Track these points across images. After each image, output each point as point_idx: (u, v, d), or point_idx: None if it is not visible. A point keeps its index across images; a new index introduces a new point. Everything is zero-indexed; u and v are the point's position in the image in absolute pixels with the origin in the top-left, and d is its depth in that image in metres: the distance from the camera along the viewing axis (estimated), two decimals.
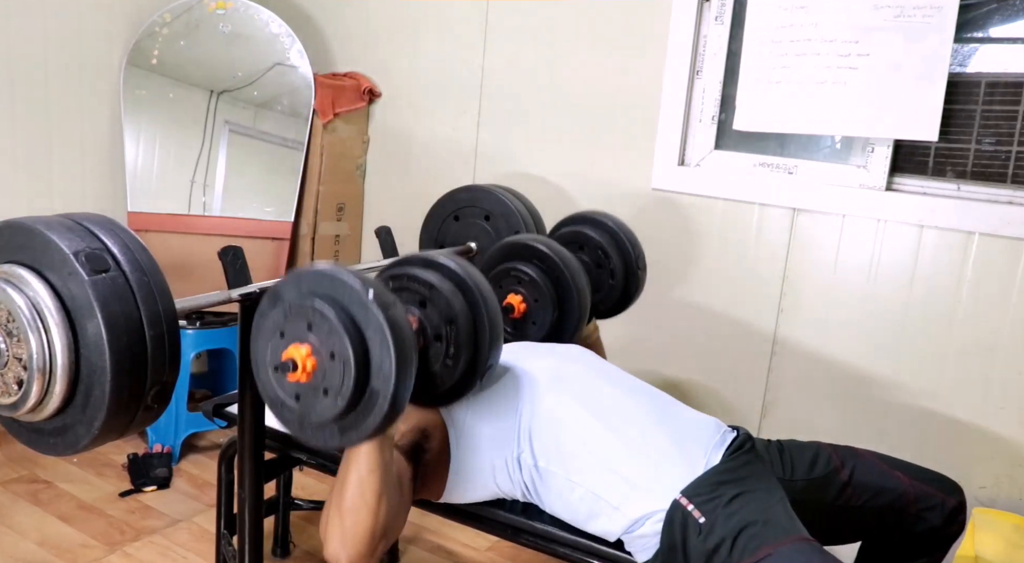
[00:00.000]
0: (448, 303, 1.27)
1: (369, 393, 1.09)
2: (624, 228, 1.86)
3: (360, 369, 1.07)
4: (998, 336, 1.93)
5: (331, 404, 1.09)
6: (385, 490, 1.23)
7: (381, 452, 1.22)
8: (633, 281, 1.87)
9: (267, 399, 1.17)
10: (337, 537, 1.23)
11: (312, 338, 1.10)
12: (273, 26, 2.74)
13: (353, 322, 1.08)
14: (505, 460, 1.41)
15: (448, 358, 1.29)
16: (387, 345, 1.06)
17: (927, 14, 1.88)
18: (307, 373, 1.10)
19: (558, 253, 1.62)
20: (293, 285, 1.14)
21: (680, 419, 1.46)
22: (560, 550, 1.45)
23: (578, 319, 1.63)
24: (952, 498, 1.47)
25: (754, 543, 1.23)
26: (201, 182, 2.74)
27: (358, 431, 1.12)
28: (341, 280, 1.10)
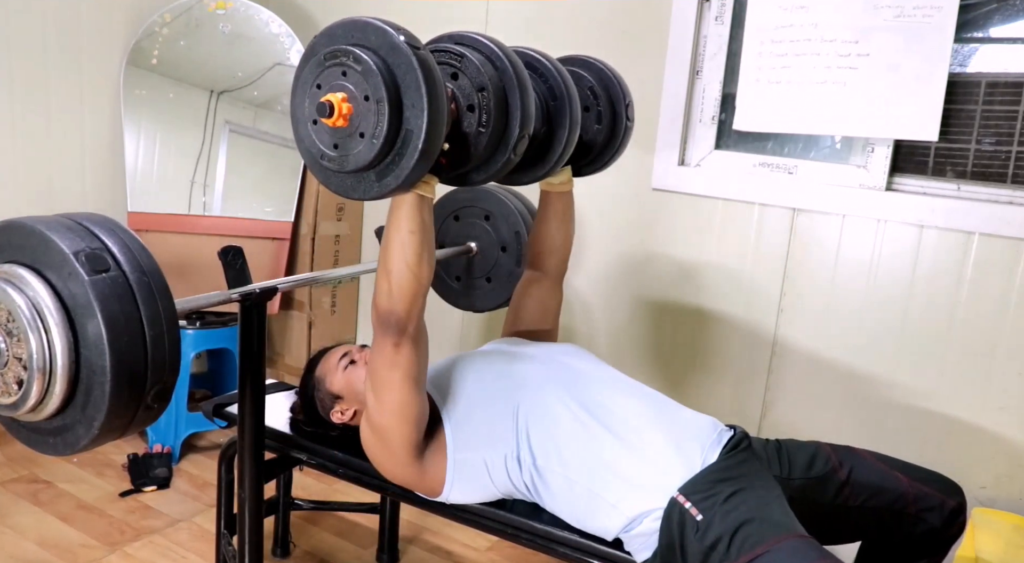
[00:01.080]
0: (479, 72, 1.29)
1: (404, 133, 1.14)
2: (617, 75, 1.73)
3: (393, 108, 1.12)
4: (998, 336, 1.93)
5: (368, 146, 1.14)
6: (424, 250, 1.31)
7: (420, 212, 1.29)
8: (619, 128, 1.72)
9: (307, 156, 1.22)
10: (385, 292, 1.33)
11: (347, 84, 1.14)
12: (273, 26, 2.74)
13: (385, 64, 1.12)
14: (504, 458, 1.41)
15: (481, 125, 1.30)
16: (418, 83, 1.11)
17: (927, 14, 1.88)
18: (344, 117, 1.14)
19: (555, 66, 1.52)
20: (326, 37, 1.18)
21: (677, 418, 1.47)
22: (560, 550, 1.45)
23: (567, 138, 1.51)
24: (952, 499, 1.46)
25: (751, 540, 1.23)
26: (201, 182, 2.74)
27: (395, 175, 1.17)
28: (373, 25, 1.14)
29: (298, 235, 2.81)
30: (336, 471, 1.65)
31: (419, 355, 1.38)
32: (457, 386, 1.49)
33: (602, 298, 2.48)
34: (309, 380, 1.66)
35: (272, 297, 1.53)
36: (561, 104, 1.49)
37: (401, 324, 1.33)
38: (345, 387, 1.58)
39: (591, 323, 2.51)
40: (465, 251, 2.00)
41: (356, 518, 2.31)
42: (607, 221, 2.43)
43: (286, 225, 2.76)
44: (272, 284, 1.53)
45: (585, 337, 2.52)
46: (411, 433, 1.40)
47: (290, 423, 1.74)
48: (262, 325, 1.50)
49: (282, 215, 2.77)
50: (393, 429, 1.39)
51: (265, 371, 1.55)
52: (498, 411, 1.43)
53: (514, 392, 1.45)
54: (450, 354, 1.63)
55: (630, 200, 2.39)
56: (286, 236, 2.77)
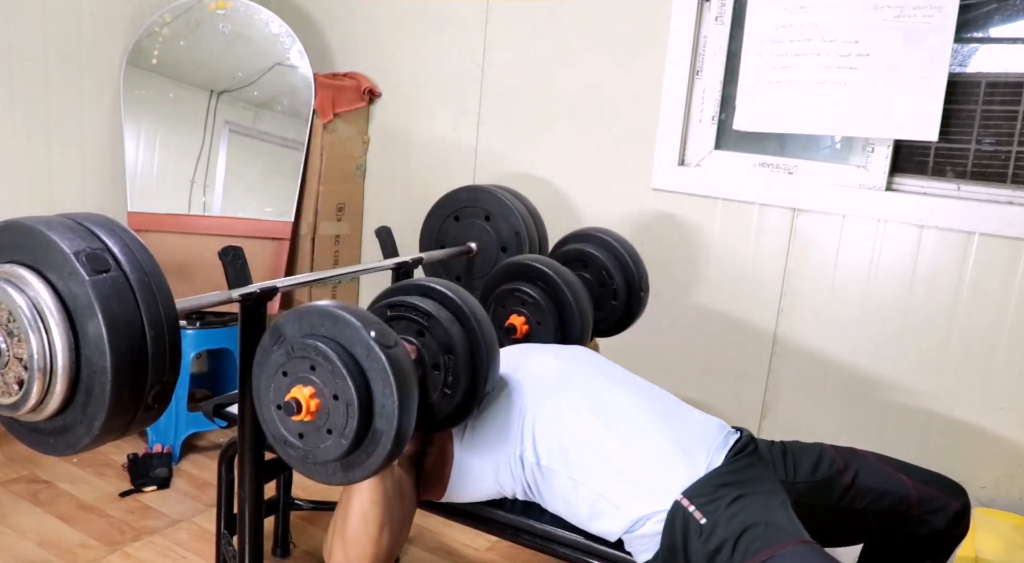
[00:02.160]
0: (446, 332, 1.28)
1: (372, 433, 1.11)
2: (628, 247, 1.87)
3: (363, 410, 1.09)
4: (998, 336, 1.93)
5: (335, 444, 1.11)
6: (388, 520, 1.25)
7: (383, 483, 1.25)
8: (635, 301, 1.88)
9: (270, 436, 1.19)
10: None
11: (315, 379, 1.11)
12: (273, 26, 2.74)
13: (355, 362, 1.09)
14: (508, 458, 1.41)
15: (447, 387, 1.30)
16: (390, 385, 1.08)
17: (927, 14, 1.88)
18: (311, 414, 1.12)
19: (561, 275, 1.63)
20: (295, 323, 1.15)
21: (683, 420, 1.46)
22: (560, 550, 1.45)
23: (579, 341, 1.65)
24: (956, 501, 1.46)
25: (756, 545, 1.23)
26: (201, 182, 2.74)
27: (362, 469, 1.14)
28: (343, 320, 1.11)
29: (298, 235, 2.81)
30: None
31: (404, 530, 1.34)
32: None
33: None
34: None
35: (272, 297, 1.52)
36: (570, 312, 1.62)
37: None
38: None
39: None
40: (465, 251, 2.00)
41: None
42: (607, 221, 2.42)
43: (286, 225, 2.76)
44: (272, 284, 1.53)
45: None
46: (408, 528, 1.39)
47: None
48: (262, 325, 1.50)
49: (282, 215, 2.77)
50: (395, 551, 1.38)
51: None
52: (505, 411, 1.43)
53: (521, 393, 1.44)
54: None
55: (630, 200, 2.39)
56: (286, 236, 2.77)
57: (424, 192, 2.44)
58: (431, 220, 2.04)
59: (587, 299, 1.67)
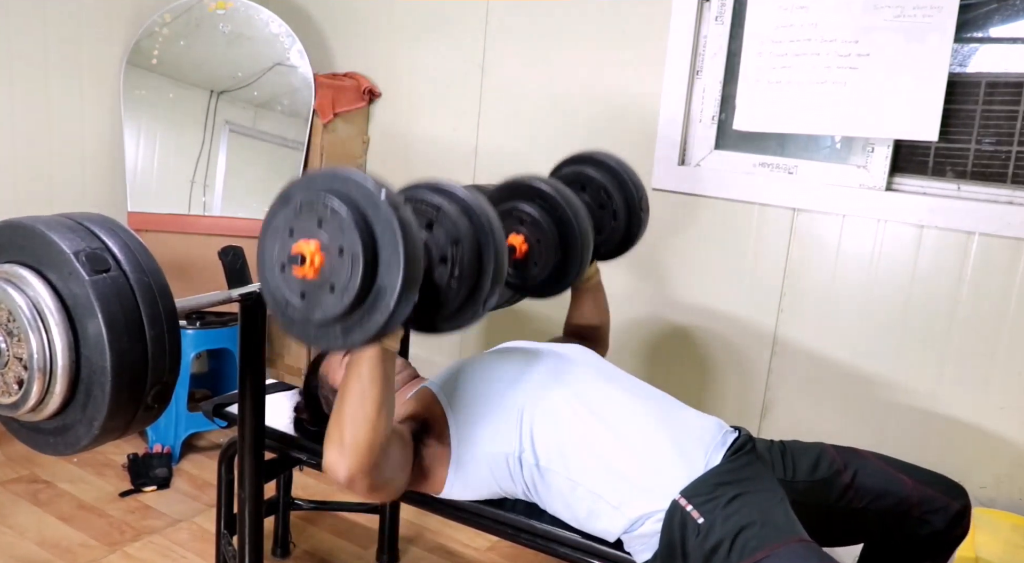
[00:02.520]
0: (454, 224, 1.27)
1: (376, 290, 1.10)
2: (627, 168, 1.78)
3: (368, 265, 1.08)
4: (998, 336, 1.93)
5: (337, 300, 1.10)
6: (385, 403, 1.23)
7: (383, 363, 1.23)
8: (636, 222, 1.79)
9: (271, 301, 1.18)
10: (336, 447, 1.23)
11: (322, 234, 1.11)
12: (273, 26, 2.74)
13: (364, 219, 1.09)
14: (506, 458, 1.41)
15: (453, 279, 1.28)
16: (396, 242, 1.08)
17: (927, 14, 1.88)
18: (315, 268, 1.11)
19: (561, 193, 1.56)
20: (305, 185, 1.16)
21: (681, 419, 1.46)
22: (560, 550, 1.45)
23: (580, 261, 1.57)
24: (956, 502, 1.46)
25: (753, 544, 1.23)
26: (201, 182, 2.74)
27: (362, 330, 1.12)
28: (354, 179, 1.11)
29: None
30: None
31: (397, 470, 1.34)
32: (464, 386, 1.49)
33: None
34: (313, 379, 1.66)
35: None
36: (570, 231, 1.55)
37: (351, 481, 1.24)
38: None
39: None
40: None
41: (356, 518, 2.31)
42: None
43: None
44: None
45: None
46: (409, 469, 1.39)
47: (294, 422, 1.74)
48: (262, 325, 1.50)
49: None
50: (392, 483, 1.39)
51: (265, 371, 1.55)
52: (503, 410, 1.43)
53: (519, 392, 1.45)
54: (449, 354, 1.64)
55: None
56: None
57: None
58: None
59: (587, 217, 1.59)
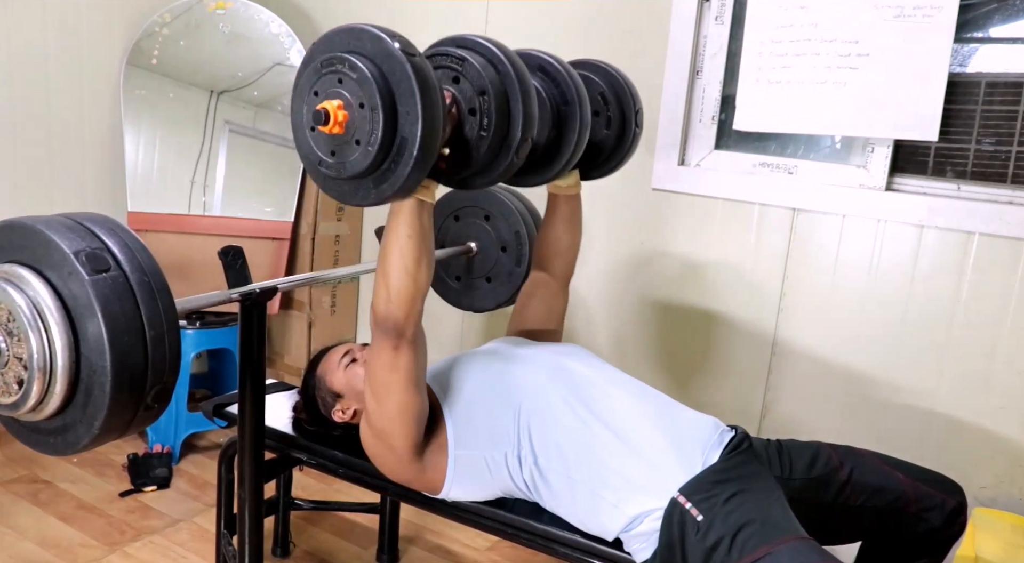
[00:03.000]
0: (480, 75, 1.28)
1: (399, 141, 1.14)
2: (628, 80, 1.72)
3: (388, 115, 1.13)
4: (998, 336, 1.93)
5: (364, 153, 1.15)
6: (423, 255, 1.31)
7: (419, 217, 1.29)
8: (628, 135, 1.71)
9: (306, 162, 1.23)
10: (383, 297, 1.33)
11: (343, 91, 1.15)
12: (273, 26, 2.74)
13: (380, 71, 1.13)
14: (504, 457, 1.42)
15: (483, 129, 1.29)
16: (412, 90, 1.11)
17: (927, 14, 1.88)
18: (339, 124, 1.15)
19: (567, 71, 1.51)
20: (323, 44, 1.20)
21: (678, 418, 1.47)
22: (560, 550, 1.45)
23: (576, 142, 1.51)
24: (952, 499, 1.46)
25: (753, 542, 1.23)
26: (201, 182, 2.74)
27: (391, 182, 1.18)
28: (369, 33, 1.15)
29: (298, 235, 2.81)
30: (336, 471, 1.65)
31: (418, 357, 1.38)
32: (460, 384, 1.49)
33: (603, 298, 2.48)
34: (311, 379, 1.66)
35: (272, 297, 1.52)
36: (572, 109, 1.49)
37: (400, 328, 1.33)
38: (346, 386, 1.58)
39: (592, 323, 2.51)
40: (465, 251, 2.00)
41: (356, 518, 2.31)
42: (607, 221, 2.43)
43: (286, 225, 2.76)
44: (272, 284, 1.53)
45: (586, 337, 2.52)
46: (411, 433, 1.40)
47: (292, 422, 1.74)
48: (262, 325, 1.50)
49: (282, 215, 2.77)
50: (394, 431, 1.39)
51: (265, 371, 1.55)
52: (500, 410, 1.43)
53: (517, 391, 1.45)
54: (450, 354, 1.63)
55: (630, 200, 2.39)
56: (286, 236, 2.77)
57: None
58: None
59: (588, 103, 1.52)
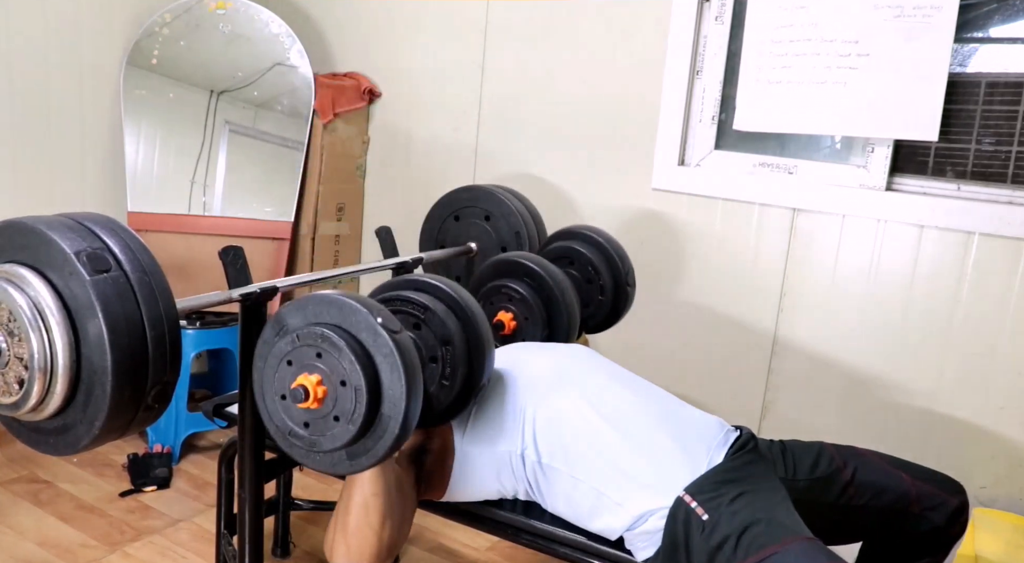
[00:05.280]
0: (443, 324, 1.29)
1: (380, 418, 1.11)
2: (614, 244, 1.90)
3: (372, 394, 1.09)
4: (998, 336, 1.93)
5: (343, 430, 1.11)
6: (389, 512, 1.26)
7: (385, 474, 1.25)
8: (622, 297, 1.91)
9: (272, 428, 1.18)
10: (343, 556, 1.26)
11: (321, 366, 1.11)
12: (273, 26, 2.74)
13: (363, 348, 1.10)
14: (509, 456, 1.41)
15: (444, 379, 1.31)
16: (397, 369, 1.09)
17: (927, 14, 1.88)
18: (318, 401, 1.11)
19: (548, 271, 1.65)
20: (298, 313, 1.16)
21: (684, 418, 1.47)
22: (560, 550, 1.45)
23: (566, 337, 1.66)
24: (955, 498, 1.46)
25: (758, 542, 1.23)
26: (201, 182, 2.74)
27: (368, 456, 1.14)
28: (348, 306, 1.11)
29: (298, 235, 2.81)
30: None
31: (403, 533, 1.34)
32: None
33: None
34: None
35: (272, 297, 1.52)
36: (557, 308, 1.64)
37: None
38: None
39: None
40: (465, 251, 2.00)
41: None
42: (607, 221, 2.43)
43: (286, 225, 2.76)
44: (272, 284, 1.53)
45: None
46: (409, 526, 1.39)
47: None
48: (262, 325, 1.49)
49: (282, 215, 2.77)
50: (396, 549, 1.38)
51: None
52: (506, 409, 1.43)
53: (522, 391, 1.45)
54: None
55: (630, 200, 2.39)
56: (286, 236, 2.77)
57: (424, 192, 2.44)
58: (431, 220, 2.04)
59: (574, 295, 1.69)
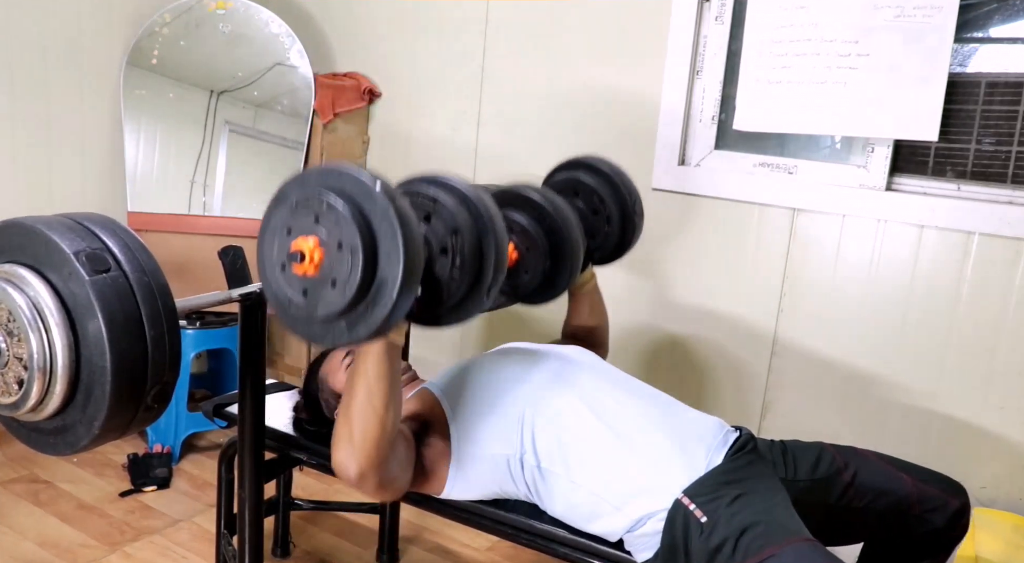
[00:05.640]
0: (452, 215, 1.26)
1: (377, 283, 1.10)
2: (620, 174, 1.78)
3: (368, 257, 1.08)
4: (998, 336, 1.93)
5: (339, 295, 1.10)
6: (392, 399, 1.24)
7: (389, 359, 1.24)
8: (630, 227, 1.79)
9: (273, 300, 1.17)
10: (346, 445, 1.24)
11: (320, 230, 1.11)
12: (273, 26, 2.74)
13: (361, 212, 1.09)
14: (507, 460, 1.41)
15: (455, 269, 1.27)
16: (395, 233, 1.07)
17: (927, 14, 1.88)
18: (315, 264, 1.10)
19: (551, 202, 1.56)
20: (299, 183, 1.15)
21: (682, 419, 1.47)
22: (560, 550, 1.45)
23: (571, 269, 1.57)
24: (956, 500, 1.46)
25: (757, 543, 1.23)
26: (201, 182, 2.74)
27: (366, 324, 1.12)
28: (349, 173, 1.11)
29: None
30: None
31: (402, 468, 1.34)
32: (466, 387, 1.49)
33: None
34: (313, 380, 1.66)
35: None
36: (561, 237, 1.53)
37: (363, 477, 1.26)
38: None
39: None
40: None
41: (356, 518, 2.31)
42: None
43: None
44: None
45: None
46: (408, 475, 1.39)
47: (292, 422, 1.74)
48: (262, 325, 1.50)
49: None
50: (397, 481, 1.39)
51: (265, 371, 1.55)
52: (503, 412, 1.43)
53: (520, 394, 1.45)
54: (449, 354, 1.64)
55: None
56: None
57: None
58: None
59: (578, 226, 1.59)
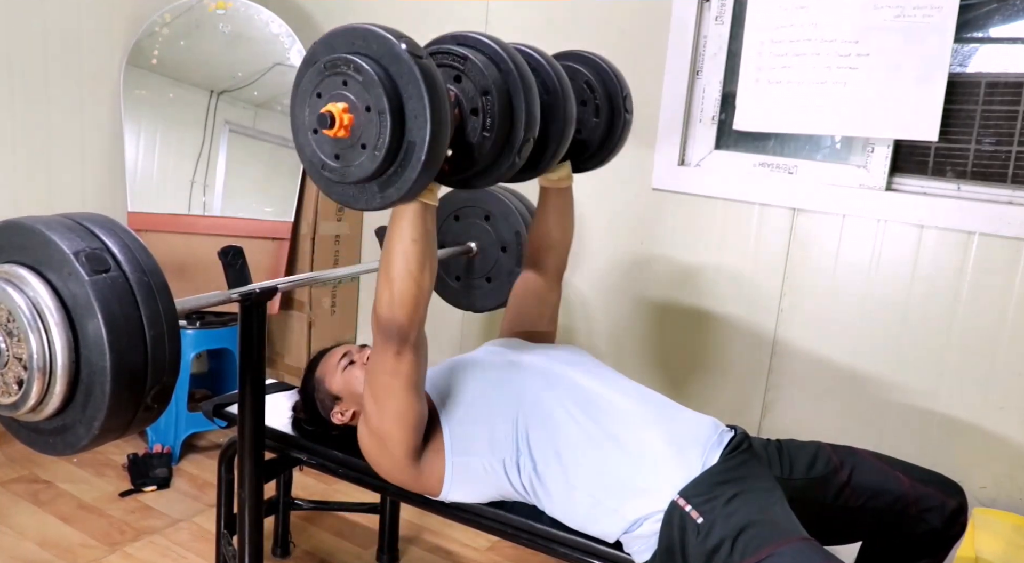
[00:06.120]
0: (482, 74, 1.26)
1: (406, 145, 1.12)
2: (614, 68, 1.71)
3: (396, 119, 1.10)
4: (998, 336, 1.92)
5: (370, 158, 1.13)
6: (427, 258, 1.29)
7: (423, 221, 1.28)
8: (618, 122, 1.69)
9: (308, 164, 1.20)
10: (386, 301, 1.31)
11: (348, 94, 1.13)
12: (273, 26, 2.74)
13: (387, 74, 1.10)
14: (503, 463, 1.41)
15: (485, 129, 1.27)
16: (421, 93, 1.09)
17: (927, 14, 1.88)
18: (345, 128, 1.13)
19: (551, 64, 1.48)
20: (326, 44, 1.17)
21: (677, 419, 1.46)
22: (560, 550, 1.45)
23: (561, 136, 1.47)
24: (953, 499, 1.46)
25: (755, 543, 1.23)
26: (201, 182, 2.74)
27: (397, 187, 1.15)
28: (374, 33, 1.12)
29: (298, 235, 2.81)
30: (336, 471, 1.65)
31: (420, 362, 1.38)
32: (457, 389, 1.49)
33: (602, 298, 2.48)
34: (310, 381, 1.66)
35: (272, 297, 1.53)
36: (554, 99, 1.44)
37: (403, 333, 1.32)
38: (344, 388, 1.58)
39: (591, 324, 2.51)
40: (465, 251, 2.00)
41: (356, 518, 2.31)
42: (607, 221, 2.43)
43: (286, 225, 2.76)
44: (272, 284, 1.53)
45: (585, 337, 2.52)
46: (410, 438, 1.40)
47: (292, 422, 1.74)
48: (262, 325, 1.50)
49: (282, 215, 2.77)
50: (392, 434, 1.39)
51: (265, 371, 1.55)
52: (498, 415, 1.43)
53: (514, 396, 1.45)
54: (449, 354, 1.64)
55: (630, 200, 2.38)
56: (286, 236, 2.77)
57: None
58: None
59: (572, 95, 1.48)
